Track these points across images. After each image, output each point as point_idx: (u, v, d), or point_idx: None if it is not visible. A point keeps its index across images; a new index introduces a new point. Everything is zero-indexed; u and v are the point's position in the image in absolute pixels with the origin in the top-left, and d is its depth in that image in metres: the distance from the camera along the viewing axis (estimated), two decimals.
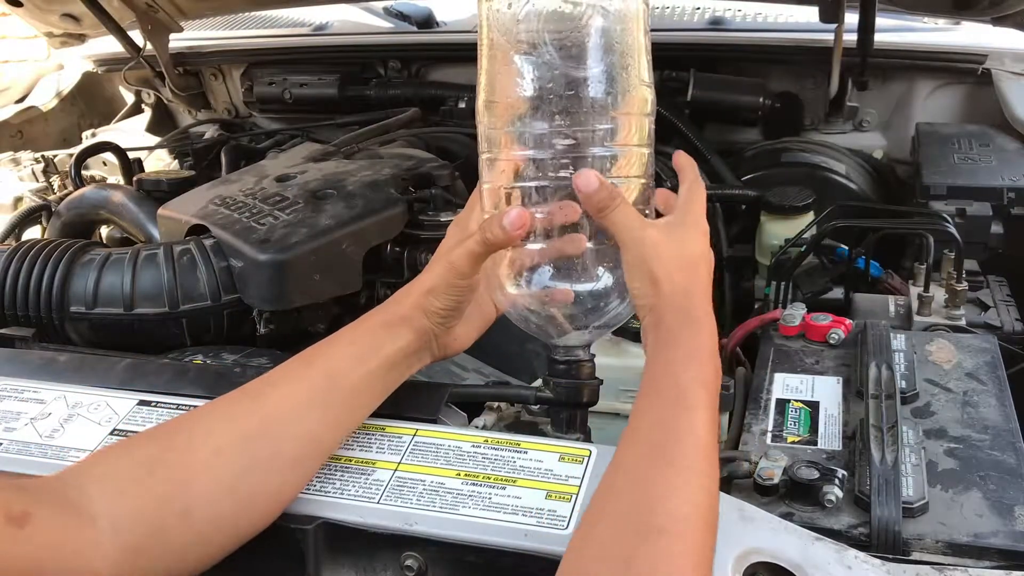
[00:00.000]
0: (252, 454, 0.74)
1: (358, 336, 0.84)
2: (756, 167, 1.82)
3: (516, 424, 0.97)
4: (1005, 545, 0.75)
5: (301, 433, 0.77)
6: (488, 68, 0.84)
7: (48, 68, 2.45)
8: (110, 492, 0.67)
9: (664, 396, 0.70)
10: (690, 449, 0.66)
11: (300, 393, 0.78)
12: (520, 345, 1.32)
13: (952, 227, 1.30)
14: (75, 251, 1.31)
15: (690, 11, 2.16)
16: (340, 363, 0.81)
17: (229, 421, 0.75)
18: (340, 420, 0.81)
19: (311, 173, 1.49)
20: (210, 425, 0.75)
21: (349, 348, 0.82)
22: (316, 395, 0.79)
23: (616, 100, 0.82)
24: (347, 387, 0.81)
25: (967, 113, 1.80)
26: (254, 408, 0.77)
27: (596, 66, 0.81)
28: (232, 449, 0.73)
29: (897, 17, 1.92)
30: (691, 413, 0.68)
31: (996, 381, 0.99)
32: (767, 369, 1.04)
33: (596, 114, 0.81)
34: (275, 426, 0.76)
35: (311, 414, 0.78)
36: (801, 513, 0.80)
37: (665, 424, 0.68)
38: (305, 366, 0.81)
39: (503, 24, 0.82)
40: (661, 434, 0.67)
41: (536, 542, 0.74)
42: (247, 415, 0.76)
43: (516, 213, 0.79)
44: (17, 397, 0.95)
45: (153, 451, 0.72)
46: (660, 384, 0.71)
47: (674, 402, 0.69)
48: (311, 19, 2.38)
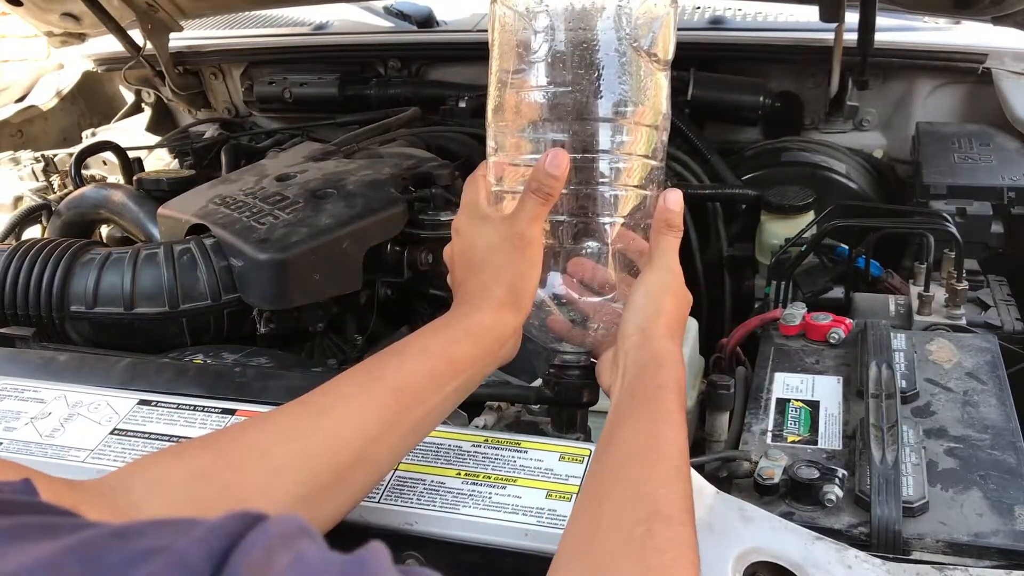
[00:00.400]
0: (313, 479, 0.67)
1: (434, 348, 0.76)
2: (756, 166, 1.82)
3: (516, 424, 0.98)
4: (1005, 544, 0.75)
5: (365, 456, 0.71)
6: (499, 70, 0.84)
7: (48, 67, 2.45)
8: (159, 504, 0.62)
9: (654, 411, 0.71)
10: (678, 456, 0.67)
11: (368, 413, 0.71)
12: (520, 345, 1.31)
13: (952, 226, 1.30)
14: (75, 250, 1.31)
15: (690, 10, 2.16)
16: (411, 379, 0.74)
17: (289, 439, 0.68)
18: (404, 441, 0.75)
19: (311, 172, 1.49)
20: (268, 441, 0.68)
21: (423, 362, 0.75)
22: (385, 417, 0.72)
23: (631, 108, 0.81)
24: (417, 406, 0.74)
25: (967, 112, 1.80)
26: (316, 426, 0.69)
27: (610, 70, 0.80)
28: (292, 471, 0.67)
29: (897, 16, 1.92)
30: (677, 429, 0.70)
31: (996, 381, 0.99)
32: (767, 368, 1.04)
33: (607, 121, 0.80)
34: (339, 450, 0.69)
35: (377, 437, 0.71)
36: (801, 512, 0.80)
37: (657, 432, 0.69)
38: (375, 381, 0.73)
39: (514, 25, 0.81)
40: (653, 439, 0.68)
41: (536, 541, 0.74)
42: (309, 434, 0.69)
43: (553, 155, 0.78)
44: (17, 396, 0.95)
45: (206, 464, 0.66)
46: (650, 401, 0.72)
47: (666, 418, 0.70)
48: (311, 18, 2.38)
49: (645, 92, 0.81)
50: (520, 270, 0.79)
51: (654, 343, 0.77)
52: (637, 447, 0.68)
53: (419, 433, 0.76)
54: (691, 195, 1.70)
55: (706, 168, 1.77)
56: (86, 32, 2.15)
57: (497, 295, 0.79)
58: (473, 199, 0.84)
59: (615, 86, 0.80)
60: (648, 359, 0.75)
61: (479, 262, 0.81)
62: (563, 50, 0.79)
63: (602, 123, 0.80)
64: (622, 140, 0.81)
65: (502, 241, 0.80)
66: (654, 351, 0.76)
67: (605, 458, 0.69)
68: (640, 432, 0.69)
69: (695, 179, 1.75)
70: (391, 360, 0.75)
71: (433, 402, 0.75)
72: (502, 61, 0.83)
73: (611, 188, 0.82)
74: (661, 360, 0.75)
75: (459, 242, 0.84)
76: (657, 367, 0.74)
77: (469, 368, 0.77)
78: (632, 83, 0.81)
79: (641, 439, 0.69)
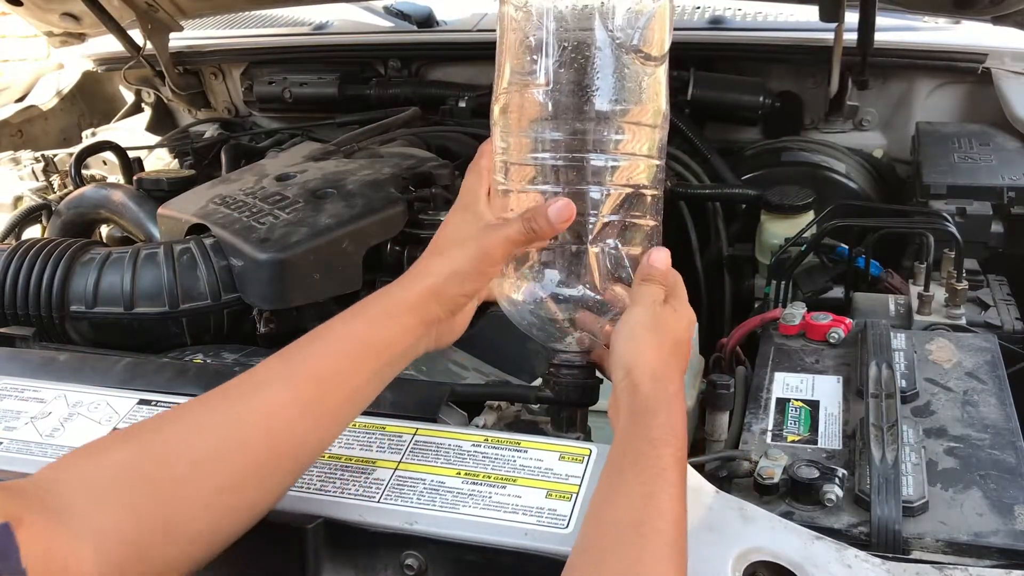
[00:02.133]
0: (231, 469, 0.68)
1: (355, 331, 0.77)
2: (756, 166, 1.82)
3: (516, 423, 0.97)
4: (1005, 544, 0.75)
5: (285, 445, 0.71)
6: (505, 69, 0.84)
7: (48, 67, 2.45)
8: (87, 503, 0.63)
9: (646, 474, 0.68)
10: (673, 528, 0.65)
11: (285, 400, 0.71)
12: (520, 344, 1.31)
13: (952, 226, 1.30)
14: (75, 250, 1.31)
15: (690, 10, 2.16)
16: (331, 363, 0.74)
17: (207, 430, 0.69)
18: (330, 427, 0.75)
19: (311, 172, 1.49)
20: (187, 432, 0.69)
21: (343, 345, 0.75)
22: (306, 402, 0.72)
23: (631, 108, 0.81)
24: (338, 391, 0.74)
25: (967, 112, 1.80)
26: (234, 415, 0.70)
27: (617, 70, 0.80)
28: (211, 462, 0.67)
29: (897, 16, 1.92)
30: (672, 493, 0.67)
31: (996, 380, 0.99)
32: (767, 368, 1.04)
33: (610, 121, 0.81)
34: (259, 437, 0.70)
35: (299, 423, 0.72)
36: (801, 512, 0.80)
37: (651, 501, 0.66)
38: (294, 365, 0.74)
39: (519, 24, 0.82)
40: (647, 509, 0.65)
41: (536, 541, 0.74)
42: (226, 423, 0.70)
43: (562, 204, 0.78)
44: (17, 396, 0.95)
45: (128, 459, 0.67)
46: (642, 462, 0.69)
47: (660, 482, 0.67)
48: (311, 18, 2.38)
49: (643, 91, 0.82)
50: (466, 272, 0.79)
51: (643, 388, 0.74)
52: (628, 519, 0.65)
53: (343, 418, 0.76)
54: (691, 195, 1.71)
55: (706, 168, 1.77)
56: (86, 32, 2.15)
57: (429, 281, 0.79)
58: (471, 186, 0.85)
59: (612, 86, 0.80)
60: (639, 407, 0.73)
61: (441, 245, 0.82)
62: (562, 50, 0.80)
63: (599, 123, 0.80)
64: (621, 139, 0.81)
65: (467, 241, 0.80)
66: (644, 397, 0.73)
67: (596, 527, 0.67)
68: (632, 500, 0.66)
69: (695, 179, 1.75)
70: (309, 346, 0.75)
71: (353, 385, 0.75)
72: (507, 60, 0.84)
73: (609, 188, 0.82)
74: (653, 407, 0.72)
75: (444, 220, 0.85)
76: (650, 416, 0.71)
77: (388, 350, 0.77)
78: (629, 82, 0.81)
79: (633, 509, 0.66)
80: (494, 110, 0.85)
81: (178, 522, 0.66)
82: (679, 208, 1.71)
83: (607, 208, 0.82)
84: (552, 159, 0.82)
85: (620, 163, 0.82)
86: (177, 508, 0.66)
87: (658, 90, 0.83)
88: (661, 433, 0.70)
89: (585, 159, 0.81)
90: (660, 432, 0.70)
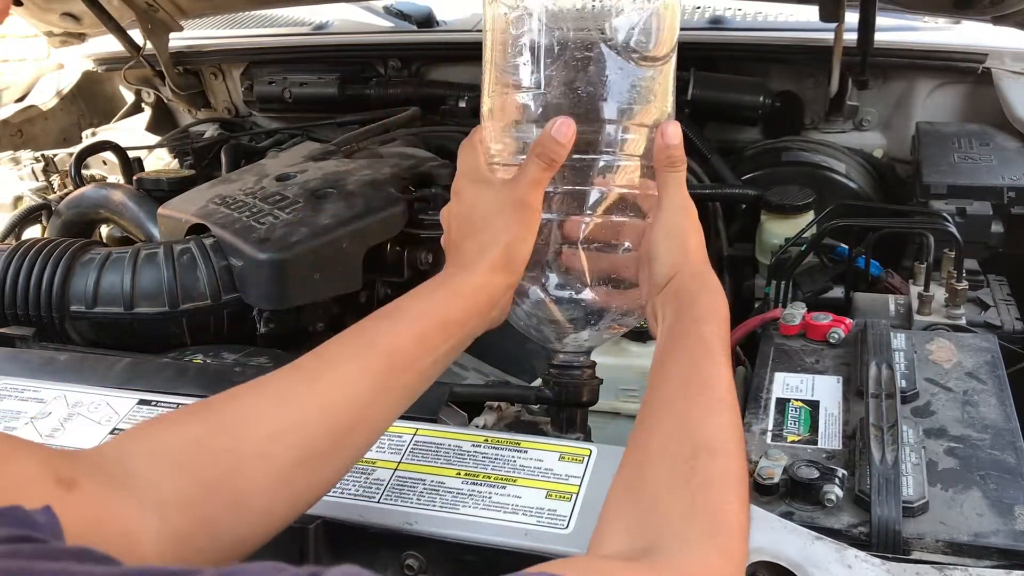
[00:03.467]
0: (308, 444, 0.68)
1: (426, 310, 0.77)
2: (756, 166, 1.82)
3: (516, 423, 0.98)
4: (1005, 544, 0.75)
5: (360, 420, 0.72)
6: (492, 71, 0.84)
7: (48, 67, 2.45)
8: (154, 474, 0.62)
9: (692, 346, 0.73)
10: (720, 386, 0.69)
11: (361, 377, 0.72)
12: (520, 345, 1.32)
13: (952, 226, 1.30)
14: (75, 250, 1.31)
15: (690, 10, 2.16)
16: (403, 342, 0.74)
17: (284, 404, 0.68)
18: (397, 404, 0.76)
19: (311, 172, 1.49)
20: (262, 406, 0.68)
21: (414, 324, 0.75)
22: (377, 380, 0.72)
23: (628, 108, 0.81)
24: (408, 369, 0.74)
25: (967, 112, 1.80)
26: (311, 391, 0.70)
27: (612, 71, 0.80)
28: (287, 436, 0.67)
29: (897, 16, 1.92)
30: (717, 360, 0.71)
31: (996, 380, 0.99)
32: (767, 368, 1.04)
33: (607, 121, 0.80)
34: (333, 414, 0.70)
35: (371, 401, 0.72)
36: (801, 512, 0.80)
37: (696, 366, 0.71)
38: (366, 346, 0.74)
39: (507, 26, 0.81)
40: (693, 374, 0.70)
41: (536, 541, 0.74)
42: (303, 398, 0.69)
43: (560, 122, 0.78)
44: (17, 396, 0.95)
45: (200, 431, 0.66)
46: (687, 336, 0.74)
47: (704, 351, 0.72)
48: (311, 18, 2.38)
49: (640, 91, 0.81)
50: (518, 234, 0.80)
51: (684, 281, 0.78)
52: (678, 383, 0.69)
53: (411, 395, 0.77)
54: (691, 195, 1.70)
55: (706, 168, 1.77)
56: (86, 32, 2.15)
57: (491, 257, 0.79)
58: (472, 163, 0.84)
59: (607, 87, 0.80)
60: (684, 299, 0.77)
61: (477, 224, 0.81)
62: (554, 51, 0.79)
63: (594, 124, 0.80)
64: (618, 139, 0.81)
65: (502, 204, 0.80)
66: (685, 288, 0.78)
67: (649, 400, 0.70)
68: (681, 369, 0.71)
69: (695, 179, 1.74)
70: (382, 324, 0.75)
71: (424, 364, 0.75)
72: (494, 61, 0.83)
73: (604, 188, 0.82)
74: (693, 294, 0.77)
75: (457, 204, 0.84)
76: (691, 303, 0.76)
77: (459, 330, 0.78)
78: (626, 83, 0.80)
79: (682, 375, 0.70)
80: (483, 112, 0.85)
81: (249, 497, 0.65)
82: None
83: (603, 208, 0.82)
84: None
85: (616, 164, 0.82)
86: (249, 482, 0.65)
87: (656, 90, 0.82)
88: (703, 313, 0.75)
89: (578, 160, 0.81)
90: (702, 312, 0.75)
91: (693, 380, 0.69)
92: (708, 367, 0.70)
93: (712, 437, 0.64)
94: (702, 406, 0.67)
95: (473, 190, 0.83)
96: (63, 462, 0.58)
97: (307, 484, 0.69)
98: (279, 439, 0.66)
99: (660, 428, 0.66)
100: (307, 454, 0.67)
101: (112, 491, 0.59)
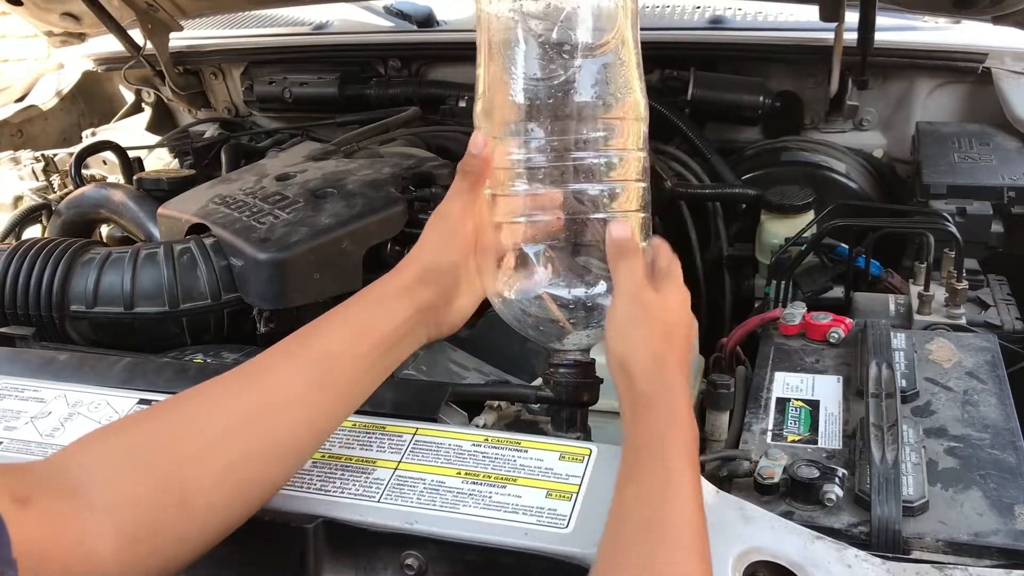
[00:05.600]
0: (246, 443, 0.71)
1: (353, 313, 0.80)
2: (756, 166, 1.82)
3: (516, 423, 0.98)
4: (1005, 544, 0.75)
5: (297, 421, 0.74)
6: (484, 71, 0.84)
7: (48, 67, 2.45)
8: (103, 480, 0.65)
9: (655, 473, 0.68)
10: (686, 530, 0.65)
11: (296, 378, 0.75)
12: (520, 344, 1.31)
13: (952, 226, 1.30)
14: (75, 250, 1.31)
15: (690, 10, 2.16)
16: (335, 344, 0.77)
17: (220, 407, 0.72)
18: (337, 405, 0.78)
19: (311, 172, 1.49)
20: (201, 411, 0.72)
21: (344, 328, 0.79)
22: (312, 380, 0.75)
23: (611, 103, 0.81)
24: (344, 371, 0.77)
25: (967, 112, 1.80)
26: (247, 394, 0.73)
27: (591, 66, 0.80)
28: (225, 437, 0.70)
29: (897, 16, 1.92)
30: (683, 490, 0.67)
31: (996, 380, 0.99)
32: (767, 368, 1.04)
33: (591, 118, 0.81)
34: (269, 413, 0.73)
35: (307, 400, 0.75)
36: (801, 512, 0.80)
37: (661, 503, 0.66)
38: (300, 347, 0.77)
39: (497, 25, 0.82)
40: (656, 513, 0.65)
41: (536, 541, 0.74)
42: (239, 401, 0.73)
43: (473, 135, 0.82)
44: (17, 396, 0.95)
45: (143, 438, 0.69)
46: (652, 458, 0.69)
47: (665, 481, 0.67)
48: (311, 18, 2.38)
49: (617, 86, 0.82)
50: (435, 245, 0.82)
51: (638, 384, 0.74)
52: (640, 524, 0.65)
53: (352, 398, 0.79)
54: (691, 195, 1.71)
55: (706, 168, 1.77)
56: (86, 32, 2.15)
57: (411, 267, 0.83)
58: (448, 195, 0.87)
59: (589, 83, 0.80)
60: (638, 404, 0.74)
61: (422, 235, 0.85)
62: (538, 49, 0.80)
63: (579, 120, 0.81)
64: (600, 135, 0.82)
65: (432, 218, 0.84)
66: (640, 393, 0.74)
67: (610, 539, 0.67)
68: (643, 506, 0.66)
69: (695, 179, 1.75)
70: (315, 330, 0.79)
71: (358, 369, 0.78)
72: (485, 62, 0.84)
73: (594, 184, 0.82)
74: (651, 402, 0.73)
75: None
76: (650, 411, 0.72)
77: (388, 335, 0.79)
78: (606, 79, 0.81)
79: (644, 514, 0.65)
80: (476, 113, 0.86)
81: (194, 495, 0.68)
82: (679, 208, 1.71)
83: (594, 204, 0.83)
84: (534, 159, 0.82)
85: (602, 159, 0.82)
86: (193, 481, 0.68)
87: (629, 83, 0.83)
88: (661, 427, 0.71)
89: (566, 156, 0.81)
90: (660, 426, 0.71)
91: (655, 521, 0.64)
92: (674, 501, 0.66)
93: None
94: (664, 556, 0.63)
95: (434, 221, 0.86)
96: (15, 480, 0.60)
97: (247, 481, 0.71)
98: (215, 444, 0.70)
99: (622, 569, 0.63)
100: (242, 456, 0.71)
101: (64, 501, 0.61)
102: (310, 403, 0.75)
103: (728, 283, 1.70)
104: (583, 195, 0.82)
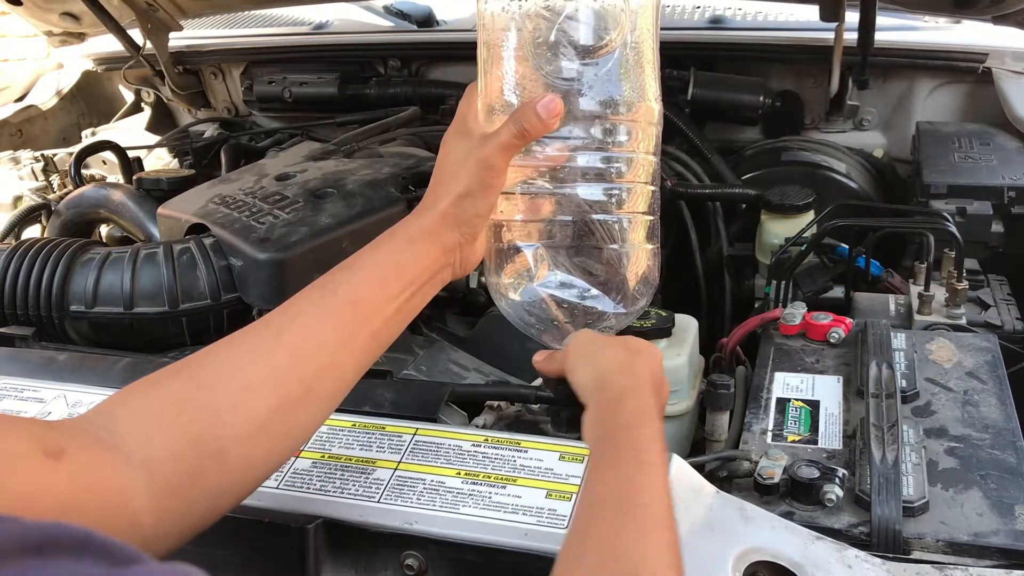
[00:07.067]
0: (282, 391, 0.71)
1: (380, 258, 0.80)
2: (756, 166, 1.82)
3: (516, 423, 0.97)
4: (1005, 544, 0.75)
5: (329, 367, 0.74)
6: (486, 71, 0.84)
7: (48, 67, 2.45)
8: (141, 433, 0.64)
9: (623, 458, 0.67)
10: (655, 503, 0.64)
11: (326, 325, 0.74)
12: (520, 344, 1.31)
13: (952, 226, 1.30)
14: (75, 250, 1.31)
15: (690, 10, 2.16)
16: (363, 289, 0.77)
17: (256, 356, 0.72)
18: (366, 351, 0.77)
19: (311, 172, 1.49)
20: (236, 361, 0.71)
21: (373, 271, 0.78)
22: (343, 325, 0.75)
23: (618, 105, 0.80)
24: (372, 316, 0.77)
25: (967, 112, 1.80)
26: (280, 342, 0.73)
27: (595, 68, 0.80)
28: (262, 386, 0.70)
29: (897, 16, 1.92)
30: (652, 469, 0.66)
31: (996, 380, 0.99)
32: (767, 368, 1.04)
33: (595, 119, 0.80)
34: (301, 361, 0.72)
35: (338, 346, 0.74)
36: (801, 512, 0.80)
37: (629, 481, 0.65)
38: (328, 295, 0.76)
39: (497, 24, 0.81)
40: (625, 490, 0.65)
41: (536, 541, 0.74)
42: (273, 350, 0.72)
43: (550, 98, 0.77)
44: (17, 396, 0.95)
45: (180, 389, 0.69)
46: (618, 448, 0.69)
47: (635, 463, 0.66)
48: (311, 18, 2.38)
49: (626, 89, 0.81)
50: (472, 189, 0.80)
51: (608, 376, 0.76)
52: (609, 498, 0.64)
53: (379, 343, 0.79)
54: (691, 195, 1.71)
55: (706, 167, 1.77)
56: (86, 32, 2.15)
57: (442, 206, 0.81)
58: (464, 112, 0.85)
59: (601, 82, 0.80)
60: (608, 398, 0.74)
61: (445, 172, 0.83)
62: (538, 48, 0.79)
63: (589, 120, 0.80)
64: (611, 138, 0.81)
65: (467, 158, 0.81)
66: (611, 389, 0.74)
67: (580, 511, 0.67)
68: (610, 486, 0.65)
69: (695, 178, 1.75)
70: (342, 274, 0.78)
71: (388, 312, 0.78)
72: (487, 63, 0.83)
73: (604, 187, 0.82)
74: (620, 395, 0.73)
75: (440, 151, 0.85)
76: (618, 404, 0.73)
77: (413, 275, 0.79)
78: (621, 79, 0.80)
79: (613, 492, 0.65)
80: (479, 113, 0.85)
81: (232, 446, 0.67)
82: (679, 208, 1.71)
83: (602, 206, 0.82)
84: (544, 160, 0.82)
85: (610, 161, 0.82)
86: (231, 432, 0.68)
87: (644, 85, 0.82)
88: (631, 418, 0.71)
89: (576, 157, 0.81)
90: (629, 417, 0.71)
91: (625, 500, 0.63)
92: (642, 479, 0.65)
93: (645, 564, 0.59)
94: (633, 528, 0.61)
95: (454, 140, 0.84)
96: (49, 433, 0.59)
97: (284, 431, 0.71)
98: (253, 390, 0.70)
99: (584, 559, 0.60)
100: (281, 401, 0.70)
101: (99, 453, 0.61)
102: (341, 348, 0.75)
103: (728, 283, 1.70)
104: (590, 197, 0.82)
